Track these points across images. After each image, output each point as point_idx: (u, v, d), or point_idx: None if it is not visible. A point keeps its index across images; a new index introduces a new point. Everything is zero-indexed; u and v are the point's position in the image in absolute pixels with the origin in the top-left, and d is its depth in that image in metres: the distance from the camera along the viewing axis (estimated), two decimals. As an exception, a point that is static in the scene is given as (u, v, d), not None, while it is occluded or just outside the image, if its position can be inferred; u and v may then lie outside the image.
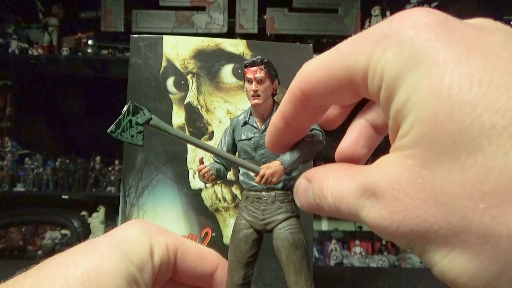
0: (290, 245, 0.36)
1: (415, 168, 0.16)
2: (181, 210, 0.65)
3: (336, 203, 0.21)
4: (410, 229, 0.16)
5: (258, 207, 0.38)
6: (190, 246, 0.31)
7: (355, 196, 0.19)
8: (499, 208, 0.14)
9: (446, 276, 0.16)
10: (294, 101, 0.23)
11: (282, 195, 0.38)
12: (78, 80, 2.22)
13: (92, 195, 1.92)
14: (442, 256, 0.16)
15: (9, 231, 1.93)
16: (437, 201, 0.15)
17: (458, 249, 0.15)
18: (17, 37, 1.98)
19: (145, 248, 0.28)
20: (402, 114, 0.17)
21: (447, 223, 0.15)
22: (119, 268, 0.25)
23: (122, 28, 1.90)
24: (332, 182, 0.21)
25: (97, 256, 0.25)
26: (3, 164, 1.93)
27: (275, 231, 0.37)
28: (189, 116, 0.67)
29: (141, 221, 0.31)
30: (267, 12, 1.89)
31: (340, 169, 0.22)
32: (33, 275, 0.24)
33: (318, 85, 0.21)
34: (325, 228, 2.10)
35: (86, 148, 1.98)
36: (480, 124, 0.14)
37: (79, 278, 0.24)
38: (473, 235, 0.15)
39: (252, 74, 0.38)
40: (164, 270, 0.29)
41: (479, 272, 0.15)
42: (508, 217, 0.14)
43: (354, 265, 1.85)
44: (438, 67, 0.16)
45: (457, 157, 0.15)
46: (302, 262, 0.36)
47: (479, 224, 0.14)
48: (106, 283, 0.24)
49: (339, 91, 0.20)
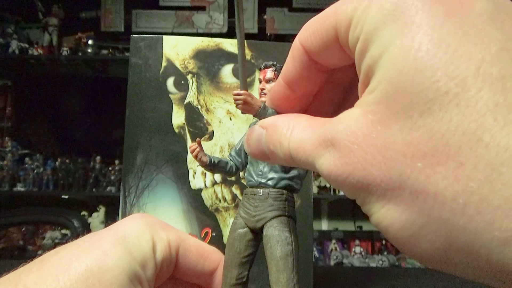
0: (274, 242, 0.36)
1: (373, 123, 0.17)
2: (181, 210, 0.65)
3: (293, 151, 0.21)
4: (356, 180, 0.17)
5: (252, 204, 0.38)
6: (192, 243, 0.31)
7: (313, 145, 0.20)
8: (433, 168, 0.15)
9: (380, 225, 0.17)
10: (294, 56, 0.23)
11: (275, 193, 0.38)
12: (78, 80, 2.23)
13: (92, 195, 1.92)
14: (379, 207, 0.17)
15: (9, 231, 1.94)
16: (384, 156, 0.16)
17: (392, 202, 0.17)
18: (17, 37, 1.98)
19: (148, 245, 0.28)
20: (373, 71, 0.18)
21: (387, 178, 0.16)
22: (122, 265, 0.25)
23: (122, 28, 1.91)
24: (291, 131, 0.22)
25: (100, 252, 0.25)
26: (3, 164, 1.93)
27: (264, 228, 0.37)
28: (189, 116, 0.67)
29: (144, 216, 0.31)
30: (267, 12, 1.89)
31: (302, 119, 0.22)
32: (36, 270, 0.24)
33: (312, 36, 0.21)
34: (325, 228, 2.10)
35: (86, 148, 1.98)
36: (436, 89, 0.15)
37: (83, 275, 0.24)
38: (407, 191, 0.16)
39: (262, 75, 0.39)
40: (166, 267, 0.29)
41: (406, 224, 0.16)
42: (438, 177, 0.15)
43: (354, 265, 1.85)
44: (412, 27, 0.16)
45: (410, 117, 0.16)
46: (286, 260, 0.35)
47: (414, 181, 0.16)
48: (109, 280, 0.24)
49: (329, 44, 0.21)
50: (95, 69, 2.14)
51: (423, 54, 0.16)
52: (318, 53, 0.22)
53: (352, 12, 0.19)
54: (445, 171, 0.15)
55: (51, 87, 2.16)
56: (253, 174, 0.39)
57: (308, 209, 0.65)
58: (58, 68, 2.12)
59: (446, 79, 0.15)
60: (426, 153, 0.15)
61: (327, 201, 2.06)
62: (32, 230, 1.97)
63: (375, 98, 0.17)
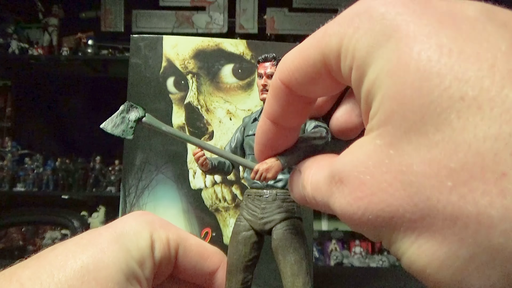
0: (288, 246, 0.35)
1: (382, 149, 0.15)
2: (181, 210, 0.65)
3: (314, 193, 0.20)
4: (375, 216, 0.15)
5: (258, 205, 0.36)
6: (193, 243, 0.31)
7: (325, 184, 0.18)
8: (467, 185, 0.13)
9: (414, 266, 0.15)
10: (277, 95, 0.22)
11: (283, 194, 0.36)
12: (78, 80, 2.22)
13: (92, 195, 1.92)
14: (409, 243, 0.14)
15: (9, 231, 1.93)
16: (403, 182, 0.14)
17: (425, 234, 0.14)
18: (17, 37, 1.98)
19: (146, 243, 0.27)
20: (372, 94, 0.16)
21: (412, 205, 0.14)
22: (119, 263, 0.25)
23: (122, 28, 1.91)
24: (312, 172, 0.21)
25: (97, 250, 0.25)
26: (3, 164, 1.93)
27: (274, 231, 0.36)
28: (189, 116, 0.67)
29: (145, 213, 0.30)
30: (267, 12, 1.89)
31: (320, 158, 0.21)
32: (32, 265, 0.24)
33: (296, 73, 0.20)
34: (325, 228, 2.10)
35: (86, 148, 1.98)
36: (449, 96, 0.13)
37: (78, 272, 0.24)
38: (440, 217, 0.13)
39: (263, 69, 0.38)
40: (165, 265, 0.29)
41: (448, 259, 0.13)
42: (476, 195, 0.13)
43: (354, 265, 1.85)
44: (407, 39, 0.15)
45: (425, 133, 0.14)
46: (300, 264, 0.34)
47: (446, 204, 0.13)
48: (105, 278, 0.24)
49: (318, 78, 0.19)
50: (95, 69, 2.14)
51: (425, 63, 0.14)
52: (304, 88, 0.21)
53: (338, 44, 0.17)
54: (484, 186, 0.13)
55: (51, 87, 2.16)
56: None
57: (308, 209, 0.65)
58: (58, 68, 2.12)
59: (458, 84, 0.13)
60: (454, 169, 0.13)
61: (327, 201, 2.05)
62: (32, 230, 1.97)
63: (379, 120, 0.15)
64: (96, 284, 0.24)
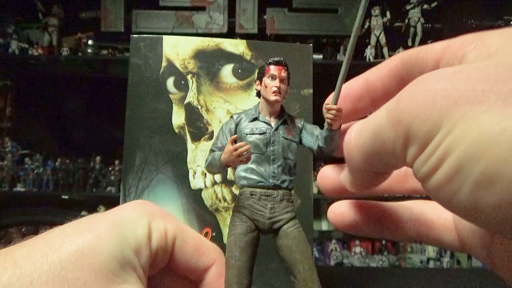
0: (303, 242, 0.36)
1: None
2: (181, 210, 0.65)
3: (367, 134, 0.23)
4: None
5: (265, 205, 0.37)
6: (191, 236, 0.30)
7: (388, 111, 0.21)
8: None
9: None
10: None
11: (287, 194, 0.38)
12: (78, 80, 2.22)
13: (92, 195, 1.92)
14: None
15: (9, 231, 1.93)
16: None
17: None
18: (17, 37, 1.98)
19: (143, 231, 0.27)
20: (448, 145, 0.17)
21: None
22: (114, 250, 0.25)
23: (122, 28, 1.91)
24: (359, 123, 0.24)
25: (94, 236, 0.25)
26: (3, 164, 1.93)
27: (283, 229, 0.37)
28: (189, 116, 0.67)
29: (145, 203, 0.30)
30: (267, 12, 1.89)
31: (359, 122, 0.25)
32: (28, 245, 0.24)
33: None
34: (325, 228, 2.09)
35: (86, 148, 1.98)
36: None
37: (73, 255, 0.24)
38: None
39: (277, 71, 0.38)
40: (161, 255, 0.29)
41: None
42: None
43: (354, 265, 1.85)
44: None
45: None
46: (312, 259, 0.36)
47: None
48: (98, 264, 0.24)
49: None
50: (95, 69, 2.14)
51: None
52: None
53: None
54: None
55: (51, 87, 2.16)
56: (264, 175, 0.37)
57: (308, 209, 0.65)
58: (58, 68, 2.12)
59: None
60: None
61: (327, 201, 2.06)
62: (32, 230, 1.97)
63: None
64: (89, 269, 0.24)
